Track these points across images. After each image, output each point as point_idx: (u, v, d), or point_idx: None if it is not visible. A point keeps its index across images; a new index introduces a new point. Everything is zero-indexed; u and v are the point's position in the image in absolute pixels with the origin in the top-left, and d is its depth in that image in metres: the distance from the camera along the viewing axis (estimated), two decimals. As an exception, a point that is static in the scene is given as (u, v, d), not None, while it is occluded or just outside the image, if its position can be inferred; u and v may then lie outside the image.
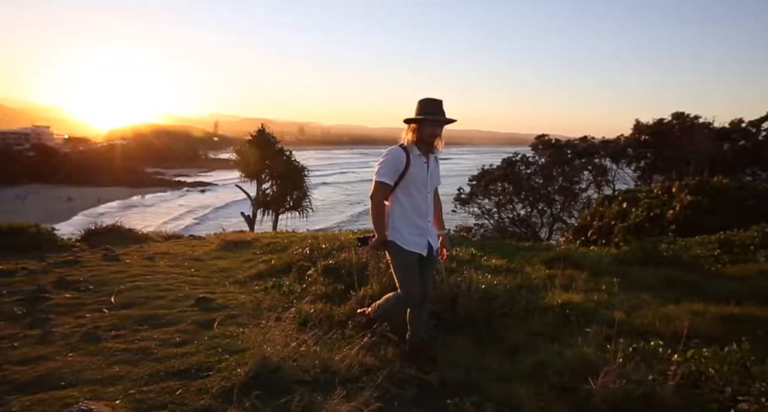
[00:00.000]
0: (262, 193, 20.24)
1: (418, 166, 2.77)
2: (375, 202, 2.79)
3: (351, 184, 69.86)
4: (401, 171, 2.73)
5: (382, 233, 2.82)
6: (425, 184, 2.82)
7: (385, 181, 2.75)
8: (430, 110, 2.74)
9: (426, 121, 2.74)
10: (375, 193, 2.78)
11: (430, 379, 2.83)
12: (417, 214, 2.81)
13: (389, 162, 2.75)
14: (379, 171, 2.76)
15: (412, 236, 2.80)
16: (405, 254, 2.80)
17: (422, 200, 2.83)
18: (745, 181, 13.81)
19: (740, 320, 4.06)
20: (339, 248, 5.58)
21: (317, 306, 3.92)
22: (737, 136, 22.68)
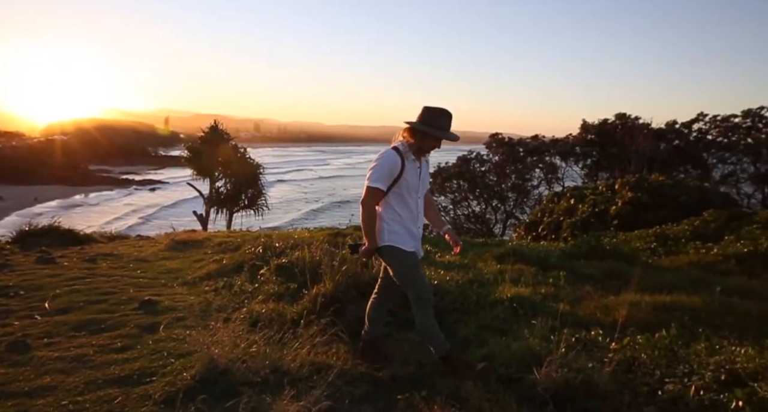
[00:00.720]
0: (216, 192, 19.68)
1: (412, 171, 2.67)
2: (367, 209, 2.67)
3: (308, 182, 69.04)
4: (395, 176, 2.62)
5: (373, 241, 2.71)
6: (417, 190, 2.74)
7: (378, 187, 2.62)
8: (441, 125, 2.63)
9: (432, 134, 2.64)
10: (367, 199, 2.65)
11: (382, 375, 2.85)
12: (409, 219, 2.73)
13: (383, 167, 2.63)
14: (371, 176, 2.63)
15: (409, 239, 2.73)
16: (408, 255, 2.72)
17: (414, 206, 2.74)
18: (679, 179, 14.78)
19: (671, 308, 4.34)
20: (293, 246, 5.51)
21: (269, 306, 3.86)
22: (672, 137, 24.23)
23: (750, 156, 21.85)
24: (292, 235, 6.67)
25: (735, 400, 2.30)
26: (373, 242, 2.71)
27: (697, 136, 24.15)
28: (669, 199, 12.29)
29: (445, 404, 2.48)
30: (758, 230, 7.99)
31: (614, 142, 24.26)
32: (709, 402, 2.39)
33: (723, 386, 2.50)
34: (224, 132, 20.16)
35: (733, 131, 22.77)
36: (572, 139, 26.66)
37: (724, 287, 5.02)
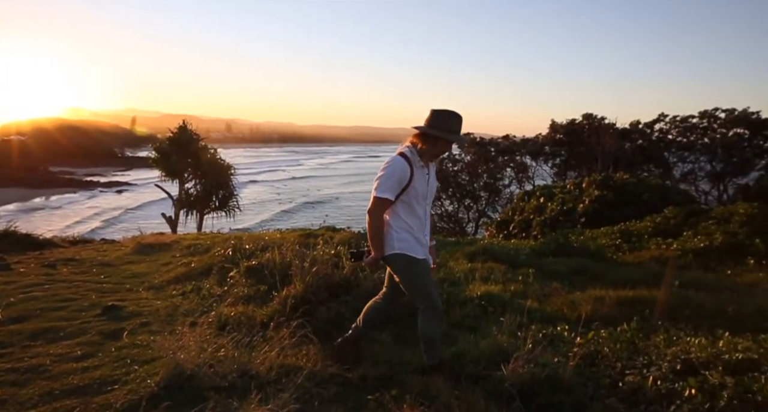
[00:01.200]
0: (185, 193, 19.21)
1: (420, 178, 2.56)
2: (374, 219, 2.55)
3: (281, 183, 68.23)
4: (404, 185, 2.50)
5: (379, 251, 2.61)
6: (425, 197, 2.63)
7: (387, 197, 2.50)
8: (451, 128, 2.53)
9: (443, 138, 2.54)
10: (374, 209, 2.54)
11: (352, 376, 2.85)
12: (418, 228, 2.64)
13: (393, 176, 2.50)
14: (380, 186, 2.50)
15: (421, 246, 2.65)
16: (419, 263, 2.62)
17: (423, 214, 2.66)
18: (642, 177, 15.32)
19: (633, 301, 4.51)
20: (263, 248, 5.45)
21: (238, 309, 3.80)
22: (636, 136, 25.09)
23: (707, 155, 22.83)
24: (263, 236, 6.59)
25: (689, 388, 2.40)
26: (379, 251, 2.60)
27: (659, 135, 25.10)
28: (633, 197, 12.71)
29: (414, 402, 2.50)
30: (713, 226, 8.36)
31: (582, 141, 24.94)
32: (665, 391, 2.49)
33: (678, 375, 2.60)
34: (194, 132, 19.70)
35: (691, 131, 23.77)
36: (542, 139, 27.27)
37: (682, 281, 5.23)
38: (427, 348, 2.76)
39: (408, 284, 2.66)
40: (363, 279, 4.22)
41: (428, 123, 2.54)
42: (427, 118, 2.56)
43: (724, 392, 2.31)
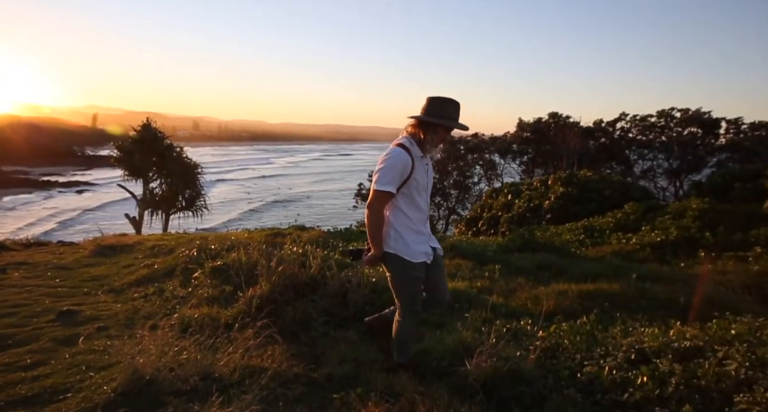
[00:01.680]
0: (150, 193, 18.64)
1: (421, 169, 2.46)
2: (374, 213, 2.43)
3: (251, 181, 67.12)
4: (406, 177, 2.40)
5: (380, 248, 2.50)
6: (426, 188, 2.55)
7: (388, 191, 2.38)
8: (450, 115, 2.43)
9: (442, 125, 2.44)
10: (374, 202, 2.41)
11: (317, 376, 2.84)
12: (419, 221, 2.55)
13: (394, 167, 2.38)
14: (381, 178, 2.38)
15: (417, 245, 2.53)
16: (411, 267, 2.51)
17: (424, 206, 2.57)
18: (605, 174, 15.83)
19: (594, 295, 4.66)
20: (229, 248, 5.35)
21: (202, 310, 3.74)
22: (599, 135, 25.92)
23: (664, 153, 23.81)
24: (230, 236, 6.47)
25: (641, 376, 2.50)
26: (379, 248, 2.49)
27: (621, 134, 26.01)
28: (596, 194, 13.14)
29: (379, 400, 2.52)
30: (669, 221, 8.74)
31: (548, 139, 25.57)
32: (620, 380, 2.58)
33: (632, 364, 2.71)
34: (158, 130, 19.12)
35: (650, 130, 24.74)
36: (510, 138, 27.80)
37: (639, 274, 5.44)
38: (398, 347, 2.76)
39: (396, 285, 2.60)
40: (330, 278, 4.20)
41: (425, 111, 2.44)
42: (423, 106, 2.46)
43: (672, 378, 2.41)
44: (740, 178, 12.54)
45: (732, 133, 23.19)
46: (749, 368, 2.34)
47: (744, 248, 6.95)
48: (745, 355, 2.48)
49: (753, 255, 6.44)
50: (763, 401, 2.03)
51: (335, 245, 6.46)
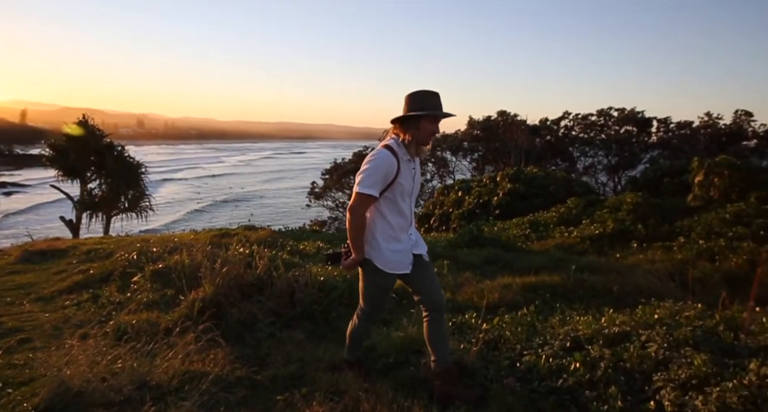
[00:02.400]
0: (88, 194, 17.59)
1: (407, 173, 2.34)
2: (355, 217, 2.31)
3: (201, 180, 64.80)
4: (390, 180, 2.28)
5: (360, 253, 2.39)
6: (411, 194, 2.43)
7: (370, 194, 2.26)
8: (431, 105, 2.31)
9: (427, 117, 2.31)
10: (355, 205, 2.29)
11: (261, 378, 2.79)
12: (401, 227, 2.42)
13: (378, 169, 2.26)
14: (363, 180, 2.27)
15: (395, 254, 2.40)
16: (383, 276, 2.42)
17: (407, 211, 2.44)
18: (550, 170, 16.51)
19: (536, 287, 4.86)
20: (171, 250, 5.16)
21: (141, 316, 3.58)
22: (545, 132, 27.01)
23: (604, 149, 25.16)
24: (173, 238, 6.22)
25: (574, 362, 2.64)
26: (360, 252, 2.39)
27: (564, 132, 27.22)
28: (541, 189, 13.69)
29: (324, 399, 2.51)
30: (606, 214, 9.25)
31: (497, 137, 26.34)
32: (555, 367, 2.71)
33: (567, 351, 2.85)
34: (96, 127, 18.07)
35: (591, 128, 26.06)
36: (461, 135, 28.41)
37: (578, 266, 5.72)
38: (351, 346, 2.76)
39: (364, 289, 2.55)
40: (277, 278, 4.15)
41: (407, 108, 2.33)
42: (404, 106, 2.36)
43: (601, 363, 2.56)
44: (669, 174, 13.47)
45: (662, 132, 24.86)
46: (667, 349, 2.53)
47: (670, 238, 7.49)
48: (665, 337, 2.67)
49: (677, 245, 6.95)
50: (677, 378, 2.20)
51: (284, 245, 6.36)
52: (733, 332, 2.70)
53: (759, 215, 7.74)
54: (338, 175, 23.40)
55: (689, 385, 2.15)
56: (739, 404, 1.83)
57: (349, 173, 23.19)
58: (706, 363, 2.23)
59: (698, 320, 2.99)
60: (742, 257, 5.54)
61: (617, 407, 2.22)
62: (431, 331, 2.57)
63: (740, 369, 2.13)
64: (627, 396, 2.29)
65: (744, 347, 2.49)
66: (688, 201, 10.56)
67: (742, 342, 2.57)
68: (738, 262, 5.50)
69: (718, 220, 7.83)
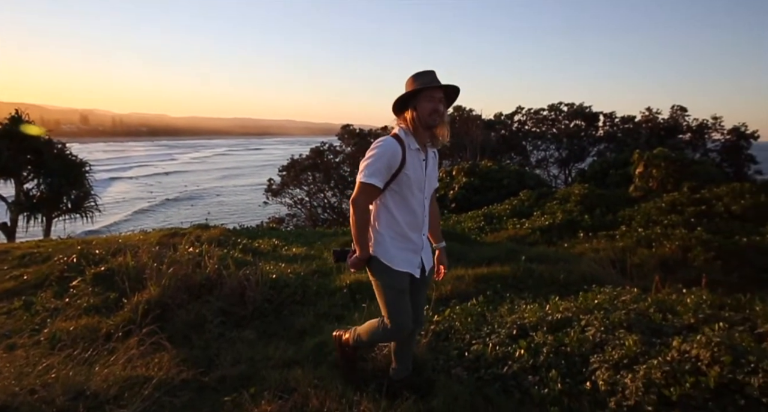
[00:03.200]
0: (25, 195, 16.50)
1: (416, 164, 2.15)
2: (358, 209, 2.11)
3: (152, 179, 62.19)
4: (395, 170, 2.09)
5: (364, 249, 2.17)
6: (422, 188, 2.20)
7: (373, 183, 2.07)
8: (421, 82, 2.10)
9: (422, 95, 2.09)
10: (358, 196, 2.11)
11: (208, 380, 2.73)
12: (410, 225, 2.20)
13: (380, 157, 2.07)
14: (365, 169, 2.08)
15: (402, 251, 2.20)
16: (393, 275, 2.18)
17: (418, 208, 2.21)
18: (504, 164, 16.96)
19: (488, 278, 4.97)
20: (115, 251, 4.93)
21: (80, 321, 3.41)
22: (499, 127, 27.70)
23: (555, 143, 26.11)
24: (117, 239, 5.95)
25: (518, 349, 2.73)
26: (365, 249, 2.17)
27: (518, 126, 28.01)
28: (495, 183, 14.05)
29: (273, 397, 2.48)
30: (556, 206, 9.63)
31: (453, 131, 26.69)
32: (501, 354, 2.79)
33: (513, 339, 2.94)
34: (33, 124, 16.93)
35: (543, 122, 26.96)
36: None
37: (528, 256, 5.92)
38: (361, 342, 2.52)
39: (379, 296, 2.26)
40: (228, 277, 4.06)
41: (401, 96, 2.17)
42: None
43: (544, 348, 2.66)
44: (614, 166, 14.16)
45: (608, 126, 26.08)
46: (604, 332, 2.66)
47: (614, 227, 7.89)
48: (602, 321, 2.81)
49: (619, 233, 7.34)
50: (611, 359, 2.32)
51: (237, 243, 6.22)
52: (662, 314, 2.88)
53: (690, 204, 8.30)
54: (295, 171, 23.10)
55: (621, 364, 2.27)
56: (662, 378, 1.95)
57: (306, 170, 22.93)
58: (637, 343, 2.37)
59: (633, 304, 3.17)
60: (675, 243, 5.92)
61: (557, 390, 2.31)
62: (401, 344, 2.49)
63: (665, 347, 2.27)
64: (566, 379, 2.39)
65: (670, 326, 2.66)
66: (630, 192, 11.14)
67: (669, 322, 2.75)
68: (671, 247, 5.87)
69: (656, 209, 8.33)
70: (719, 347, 1.97)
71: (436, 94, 2.11)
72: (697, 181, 9.82)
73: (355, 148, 24.86)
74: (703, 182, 9.97)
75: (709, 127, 24.02)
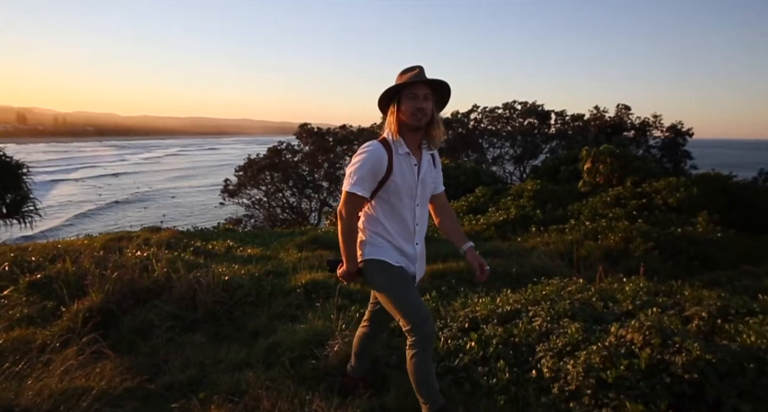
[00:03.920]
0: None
1: (405, 169, 1.98)
2: (344, 220, 1.99)
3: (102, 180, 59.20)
4: (381, 177, 1.95)
5: (352, 261, 2.03)
6: (412, 195, 2.03)
7: (357, 193, 1.94)
8: (408, 78, 1.94)
9: (404, 92, 1.93)
10: (344, 208, 1.99)
11: (154, 387, 2.63)
12: (401, 235, 2.05)
13: (364, 165, 1.93)
14: (349, 177, 1.96)
15: (394, 253, 2.05)
16: (394, 270, 2.01)
17: (408, 216, 2.04)
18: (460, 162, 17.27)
19: (443, 273, 5.07)
20: (54, 257, 4.66)
21: (12, 333, 3.19)
22: (457, 125, 28.19)
23: (510, 140, 26.87)
24: (57, 244, 5.63)
25: (470, 341, 2.79)
26: (352, 262, 2.03)
27: (474, 124, 28.61)
28: (453, 180, 14.30)
29: (223, 401, 2.42)
30: (510, 201, 9.92)
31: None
32: (453, 347, 2.85)
33: (464, 332, 3.01)
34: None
35: (498, 120, 27.67)
36: (376, 129, 28.72)
37: (483, 251, 6.07)
38: (420, 389, 2.09)
39: (385, 298, 2.04)
40: (177, 280, 3.92)
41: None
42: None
43: (494, 340, 2.74)
44: (565, 162, 14.74)
45: (559, 124, 27.10)
46: (549, 322, 2.76)
47: (563, 221, 8.22)
48: (548, 311, 2.92)
49: (568, 227, 7.65)
50: (555, 347, 2.41)
51: (189, 245, 6.03)
52: (604, 302, 3.03)
53: (633, 197, 8.77)
54: (253, 171, 22.61)
55: (564, 352, 2.37)
56: (600, 363, 2.05)
57: (264, 169, 22.51)
58: (579, 331, 2.47)
59: (578, 294, 3.31)
60: (618, 235, 6.24)
61: (505, 379, 2.38)
62: (364, 342, 2.43)
63: (604, 333, 2.39)
64: (514, 368, 2.47)
65: (611, 313, 2.80)
66: (579, 187, 11.63)
67: (610, 310, 2.89)
68: (615, 239, 6.19)
69: (602, 202, 8.74)
70: (650, 330, 2.09)
71: (420, 91, 1.92)
72: (639, 176, 10.39)
73: (314, 148, 24.64)
74: (644, 177, 10.58)
75: (651, 125, 25.43)
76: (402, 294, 2.00)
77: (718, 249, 5.96)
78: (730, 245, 6.26)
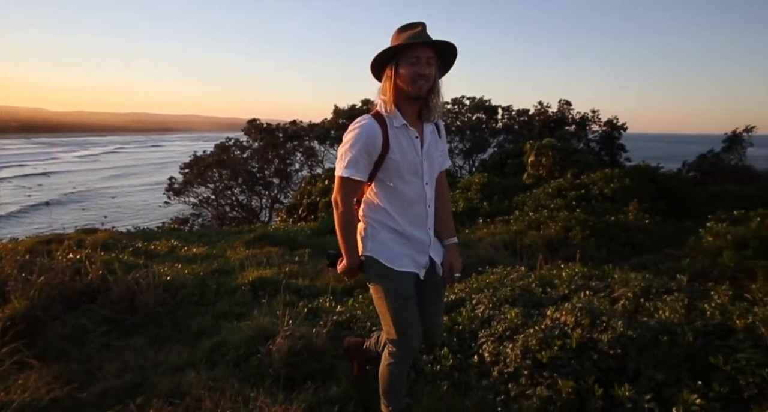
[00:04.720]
0: None
1: (404, 143, 1.72)
2: (339, 208, 1.73)
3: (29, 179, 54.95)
4: (377, 155, 1.69)
5: (351, 256, 1.78)
6: (418, 172, 1.75)
7: (351, 177, 1.68)
8: (406, 39, 1.65)
9: (403, 58, 1.65)
10: (338, 195, 1.72)
11: (86, 395, 2.49)
12: (410, 221, 1.78)
13: (355, 143, 1.67)
14: (341, 160, 1.70)
15: (400, 246, 1.78)
16: (393, 277, 1.76)
17: (417, 197, 1.77)
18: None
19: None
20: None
21: None
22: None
23: (459, 135, 27.42)
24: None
25: (417, 331, 2.84)
26: (352, 256, 1.78)
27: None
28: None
29: (163, 404, 2.33)
30: (458, 194, 10.15)
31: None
32: (400, 338, 2.89)
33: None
34: None
35: (447, 115, 28.12)
36: (327, 124, 28.43)
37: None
38: (385, 395, 1.98)
39: (380, 304, 1.82)
40: (114, 282, 3.73)
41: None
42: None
43: (439, 328, 2.80)
44: (511, 156, 15.24)
45: (506, 118, 27.97)
46: (491, 308, 2.86)
47: (509, 212, 8.53)
48: (491, 298, 3.02)
49: (513, 218, 7.94)
50: (496, 332, 2.50)
51: (127, 246, 5.74)
52: (543, 288, 3.17)
53: (572, 188, 9.25)
54: (199, 169, 21.78)
55: (504, 336, 2.46)
56: (537, 344, 2.14)
57: (211, 166, 21.74)
58: (518, 316, 2.57)
59: (519, 281, 3.44)
60: (559, 224, 6.56)
61: (448, 366, 2.44)
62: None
63: (541, 317, 2.50)
64: (458, 354, 2.53)
65: (549, 298, 2.94)
66: (524, 179, 12.09)
67: (548, 295, 3.03)
68: (556, 229, 6.49)
69: (544, 194, 9.14)
70: (581, 312, 2.21)
71: (423, 54, 1.65)
72: (579, 168, 10.94)
73: (263, 143, 24.08)
74: (583, 169, 11.17)
75: (589, 120, 26.78)
76: (395, 308, 1.78)
77: (646, 235, 6.40)
78: (656, 230, 6.73)
